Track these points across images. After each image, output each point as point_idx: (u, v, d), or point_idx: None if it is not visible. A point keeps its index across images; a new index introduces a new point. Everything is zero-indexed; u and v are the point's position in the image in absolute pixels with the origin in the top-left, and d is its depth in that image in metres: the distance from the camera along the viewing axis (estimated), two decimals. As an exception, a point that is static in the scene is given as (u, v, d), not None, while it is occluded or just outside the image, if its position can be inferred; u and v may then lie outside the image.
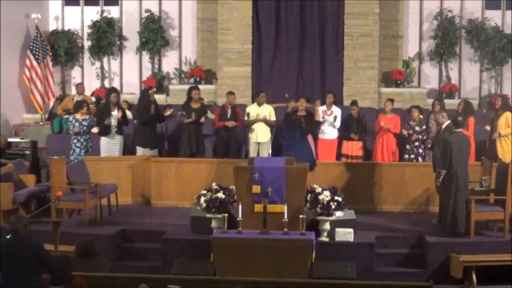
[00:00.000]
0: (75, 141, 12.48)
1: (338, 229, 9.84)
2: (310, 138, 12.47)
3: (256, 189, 9.57)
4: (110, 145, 12.75)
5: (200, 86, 15.33)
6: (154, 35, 15.73)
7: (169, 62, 16.22)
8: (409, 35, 15.78)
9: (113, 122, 12.67)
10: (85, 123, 12.51)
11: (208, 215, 9.98)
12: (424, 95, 15.23)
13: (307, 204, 9.87)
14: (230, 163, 11.43)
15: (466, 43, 15.69)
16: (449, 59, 15.57)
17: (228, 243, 9.07)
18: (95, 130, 12.61)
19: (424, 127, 12.72)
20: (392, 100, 13.24)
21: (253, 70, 15.15)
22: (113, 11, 16.14)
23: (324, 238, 9.84)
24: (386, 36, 15.45)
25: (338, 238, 9.84)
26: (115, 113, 12.73)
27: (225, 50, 15.11)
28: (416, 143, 12.69)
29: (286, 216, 9.17)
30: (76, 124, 12.43)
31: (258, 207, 9.52)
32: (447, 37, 15.28)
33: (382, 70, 15.44)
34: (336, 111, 13.05)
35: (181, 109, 13.19)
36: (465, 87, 15.77)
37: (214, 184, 10.29)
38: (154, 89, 15.30)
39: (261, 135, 12.63)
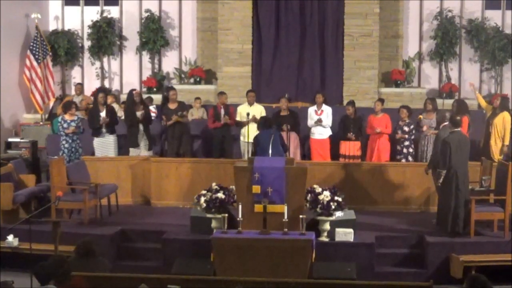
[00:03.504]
0: (63, 142, 12.44)
1: (338, 229, 9.84)
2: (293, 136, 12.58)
3: (256, 189, 9.57)
4: (103, 146, 12.74)
5: (200, 86, 15.40)
6: (154, 35, 15.72)
7: (169, 62, 16.22)
8: (409, 35, 15.77)
9: (101, 121, 12.67)
10: (73, 123, 12.46)
11: (208, 215, 9.98)
12: (424, 95, 15.19)
13: (307, 204, 9.87)
14: (230, 163, 11.42)
15: (466, 43, 15.69)
16: (449, 59, 15.56)
17: (228, 243, 9.07)
18: (71, 129, 12.43)
19: (412, 126, 12.71)
20: (382, 100, 13.22)
21: (253, 70, 15.15)
22: (113, 11, 16.14)
23: (324, 238, 9.84)
24: (386, 36, 15.44)
25: (338, 238, 9.84)
26: (103, 114, 12.74)
27: (225, 50, 15.11)
28: (406, 143, 12.69)
29: (286, 216, 9.17)
30: (65, 125, 12.38)
31: (258, 207, 9.52)
32: (447, 37, 15.28)
33: (382, 70, 15.44)
34: (327, 109, 13.04)
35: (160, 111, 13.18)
36: (465, 87, 15.75)
37: (214, 184, 10.29)
38: (137, 89, 15.18)
39: (252, 135, 12.57)
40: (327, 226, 9.83)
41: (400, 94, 15.10)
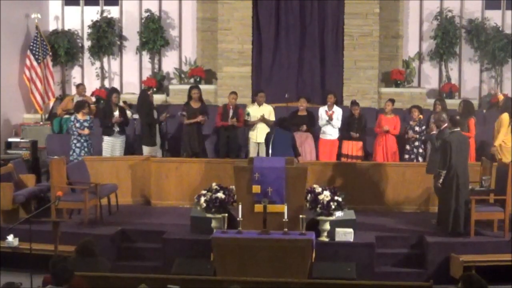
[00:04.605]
0: (75, 141, 12.48)
1: (338, 229, 9.84)
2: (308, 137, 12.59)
3: (256, 189, 9.58)
4: (112, 145, 12.80)
5: (200, 86, 15.36)
6: (154, 35, 15.72)
7: (169, 62, 16.21)
8: (409, 35, 15.77)
9: (114, 120, 12.73)
10: (86, 123, 12.50)
11: (208, 215, 9.98)
12: (424, 95, 15.22)
13: (307, 204, 9.87)
14: (230, 163, 11.43)
15: (466, 43, 15.68)
16: (449, 59, 15.56)
17: (228, 243, 9.07)
18: (86, 131, 12.52)
19: (424, 127, 12.71)
20: (392, 101, 13.21)
21: (253, 70, 15.14)
22: (113, 11, 16.14)
23: (324, 238, 9.84)
24: (386, 36, 15.43)
25: (338, 238, 9.84)
26: (117, 113, 12.80)
27: (225, 50, 15.10)
28: (416, 143, 12.69)
29: (286, 216, 9.17)
30: (78, 124, 12.42)
31: (258, 207, 9.53)
32: (447, 37, 15.27)
33: (382, 70, 15.43)
34: (338, 111, 13.06)
35: (181, 109, 13.23)
36: (465, 87, 15.76)
37: (214, 184, 10.28)
38: (154, 89, 15.28)
39: (261, 135, 12.59)
40: (327, 226, 9.83)
41: (400, 94, 15.09)
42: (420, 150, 12.69)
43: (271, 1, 15.01)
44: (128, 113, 13.71)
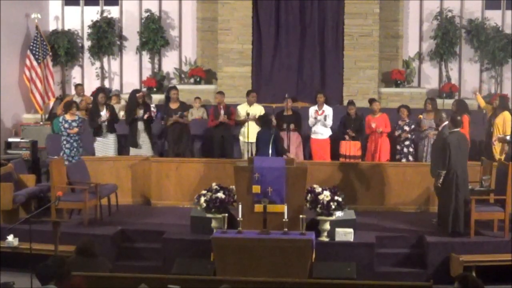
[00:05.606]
0: (64, 142, 12.44)
1: (338, 229, 9.84)
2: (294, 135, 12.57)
3: (256, 189, 9.59)
4: (104, 145, 12.79)
5: (200, 86, 15.40)
6: (154, 35, 15.72)
7: (169, 62, 16.21)
8: (409, 35, 15.77)
9: (100, 121, 12.74)
10: (74, 123, 12.46)
11: (208, 215, 9.99)
12: (424, 95, 15.20)
13: (307, 204, 9.87)
14: (230, 163, 11.43)
15: (466, 43, 15.68)
16: (449, 59, 15.56)
17: (228, 243, 9.08)
18: (74, 130, 12.50)
19: (413, 126, 12.72)
20: (376, 100, 13.24)
21: (253, 70, 15.15)
22: (113, 11, 16.14)
23: (324, 238, 9.84)
24: (386, 36, 15.44)
25: (338, 238, 9.84)
26: (104, 113, 12.79)
27: (225, 50, 15.10)
28: (406, 143, 12.70)
29: (286, 216, 9.18)
30: (66, 125, 12.39)
31: (258, 207, 9.54)
32: (447, 37, 15.28)
33: (382, 70, 15.43)
34: (328, 110, 13.04)
35: (162, 111, 13.29)
36: (465, 87, 15.75)
37: (214, 184, 10.29)
38: (144, 90, 15.15)
39: (251, 135, 12.56)
40: (327, 226, 9.84)
41: (400, 94, 15.10)
42: (411, 149, 12.71)
43: (271, 1, 15.02)
44: (123, 113, 13.74)
